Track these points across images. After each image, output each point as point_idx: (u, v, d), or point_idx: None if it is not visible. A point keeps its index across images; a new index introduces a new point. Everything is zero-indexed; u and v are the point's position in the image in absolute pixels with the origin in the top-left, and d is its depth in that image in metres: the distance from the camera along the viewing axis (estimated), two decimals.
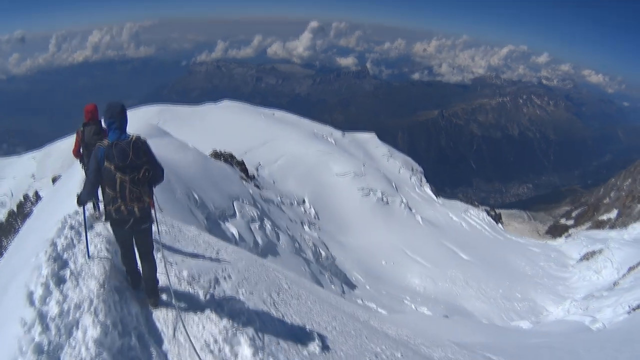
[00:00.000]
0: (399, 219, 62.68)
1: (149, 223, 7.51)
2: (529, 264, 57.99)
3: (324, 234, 53.69)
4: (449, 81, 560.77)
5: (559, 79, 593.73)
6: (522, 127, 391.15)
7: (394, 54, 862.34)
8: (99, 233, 9.94)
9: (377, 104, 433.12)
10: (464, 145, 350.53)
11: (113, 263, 8.52)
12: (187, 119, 79.80)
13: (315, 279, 36.36)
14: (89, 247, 8.58)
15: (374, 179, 67.21)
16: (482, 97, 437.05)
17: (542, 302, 46.65)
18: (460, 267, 52.65)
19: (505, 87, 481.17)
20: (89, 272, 7.82)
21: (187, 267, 9.97)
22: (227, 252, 14.17)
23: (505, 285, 49.82)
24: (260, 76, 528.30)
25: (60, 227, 9.57)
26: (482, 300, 46.28)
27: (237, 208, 37.93)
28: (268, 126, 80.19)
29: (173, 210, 23.77)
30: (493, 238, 68.57)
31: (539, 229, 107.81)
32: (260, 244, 35.38)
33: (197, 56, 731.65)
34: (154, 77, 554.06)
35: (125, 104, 6.84)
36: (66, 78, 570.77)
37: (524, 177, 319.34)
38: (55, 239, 8.75)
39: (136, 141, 7.04)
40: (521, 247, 66.41)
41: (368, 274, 49.08)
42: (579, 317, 37.24)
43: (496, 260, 57.89)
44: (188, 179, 33.80)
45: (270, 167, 64.20)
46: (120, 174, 6.83)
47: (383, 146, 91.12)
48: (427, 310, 42.36)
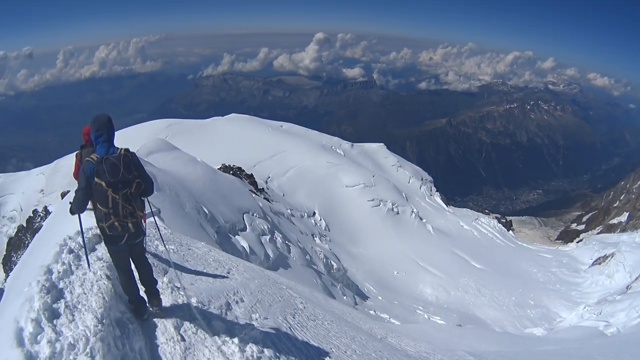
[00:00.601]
0: (409, 229, 62.53)
1: (142, 236, 7.35)
2: (541, 271, 57.83)
3: (335, 246, 53.72)
4: (456, 89, 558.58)
5: (565, 83, 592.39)
6: (530, 133, 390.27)
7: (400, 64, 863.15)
8: (100, 257, 9.41)
9: (385, 114, 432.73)
10: (472, 153, 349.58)
11: (114, 291, 8.04)
12: (195, 132, 79.84)
13: (327, 291, 36.30)
14: (88, 258, 8.30)
15: (384, 190, 67.09)
16: (489, 105, 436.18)
17: (555, 308, 46.48)
18: (472, 276, 52.58)
19: (512, 94, 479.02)
20: (86, 303, 7.28)
21: (196, 292, 9.48)
22: (238, 270, 13.85)
23: (518, 292, 49.67)
24: (267, 89, 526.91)
25: (57, 250, 9.07)
26: (495, 308, 46.11)
27: (247, 221, 37.83)
28: (276, 139, 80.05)
29: (182, 224, 23.80)
30: (504, 245, 68.40)
31: (550, 235, 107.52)
32: (271, 257, 35.30)
33: (204, 70, 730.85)
34: (161, 92, 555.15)
35: (133, 119, 6.74)
36: (73, 93, 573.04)
37: (534, 183, 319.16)
38: (51, 265, 8.23)
39: (126, 154, 6.90)
40: (533, 254, 66.21)
41: (380, 284, 49.05)
42: (593, 322, 37.07)
43: (508, 267, 57.82)
44: (197, 193, 33.74)
45: (280, 180, 64.19)
46: (112, 191, 6.66)
47: (392, 156, 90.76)
48: (440, 319, 42.30)
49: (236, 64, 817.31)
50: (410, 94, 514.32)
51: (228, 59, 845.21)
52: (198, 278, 10.97)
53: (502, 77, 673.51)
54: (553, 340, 30.08)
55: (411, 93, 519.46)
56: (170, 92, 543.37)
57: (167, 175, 31.09)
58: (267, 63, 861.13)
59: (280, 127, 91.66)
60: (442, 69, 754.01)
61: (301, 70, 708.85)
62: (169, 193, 27.61)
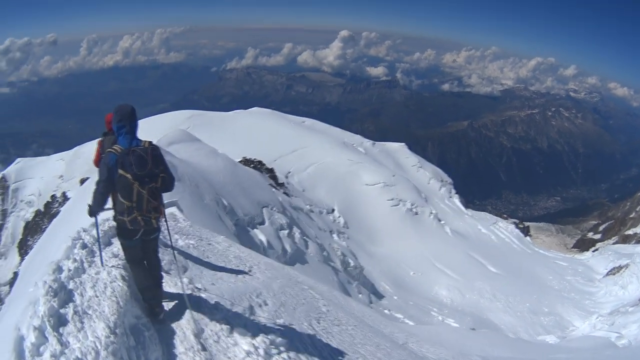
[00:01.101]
0: (427, 230, 62.56)
1: (157, 233, 7.27)
2: (556, 278, 57.75)
3: (353, 243, 53.83)
4: (479, 92, 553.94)
5: (586, 91, 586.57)
6: (551, 140, 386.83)
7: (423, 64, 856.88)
8: (116, 254, 8.93)
9: (407, 114, 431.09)
10: (493, 157, 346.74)
11: (129, 294, 7.53)
12: (217, 125, 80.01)
13: (343, 288, 36.41)
14: (102, 255, 8.22)
15: (403, 190, 67.15)
16: (511, 109, 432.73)
17: (568, 316, 46.41)
18: (488, 280, 52.52)
19: (534, 99, 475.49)
20: (97, 309, 6.70)
21: (217, 292, 9.10)
22: (260, 268, 13.28)
23: (533, 298, 49.61)
24: (290, 84, 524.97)
25: (69, 245, 8.60)
26: (509, 314, 46.10)
27: (266, 215, 38.02)
28: (298, 134, 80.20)
29: (201, 215, 23.83)
30: (521, 251, 68.25)
31: (567, 243, 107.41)
32: (288, 252, 35.44)
33: (228, 63, 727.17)
34: (184, 83, 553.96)
35: (156, 109, 6.70)
36: (96, 81, 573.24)
37: (553, 190, 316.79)
38: (61, 262, 7.76)
39: (154, 148, 6.77)
40: (548, 261, 66.06)
41: (396, 284, 49.15)
42: (605, 332, 37.03)
43: (524, 273, 57.66)
44: (217, 185, 33.87)
45: (300, 175, 64.78)
46: (138, 184, 6.43)
47: (413, 156, 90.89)
48: (454, 322, 42.38)
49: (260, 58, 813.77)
50: (433, 95, 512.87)
51: (252, 53, 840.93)
52: (219, 277, 10.57)
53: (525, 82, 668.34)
54: (565, 349, 30.10)
55: (434, 94, 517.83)
56: (193, 83, 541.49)
57: (187, 166, 31.22)
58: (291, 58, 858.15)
59: (302, 122, 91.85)
60: (466, 72, 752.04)
61: (325, 67, 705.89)
62: (189, 184, 27.72)
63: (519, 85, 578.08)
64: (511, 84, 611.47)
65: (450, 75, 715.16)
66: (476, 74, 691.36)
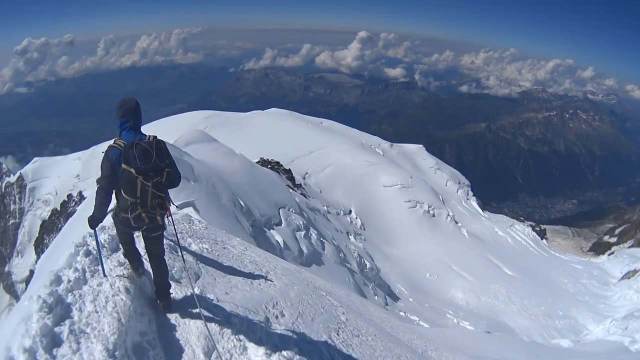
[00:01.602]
0: (444, 232, 62.67)
1: (160, 231, 7.01)
2: (572, 281, 57.76)
3: (370, 245, 53.94)
4: (497, 94, 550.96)
5: (604, 93, 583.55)
6: (568, 142, 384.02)
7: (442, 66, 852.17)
8: (122, 262, 8.14)
9: (425, 116, 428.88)
10: (510, 160, 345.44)
11: (132, 310, 6.90)
12: (235, 125, 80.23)
13: (359, 290, 36.48)
14: (103, 266, 7.53)
15: (421, 191, 67.10)
16: (529, 111, 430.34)
17: (583, 320, 46.40)
18: (504, 283, 52.56)
19: (551, 101, 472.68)
20: (96, 327, 6.21)
21: (231, 304, 8.60)
22: (276, 274, 12.96)
23: (548, 302, 49.69)
24: (308, 85, 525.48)
25: (72, 252, 7.89)
26: (524, 317, 46.20)
27: (283, 216, 38.06)
28: (316, 135, 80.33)
29: (218, 216, 23.91)
30: (537, 254, 68.31)
31: (583, 246, 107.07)
32: (305, 253, 35.48)
33: (245, 63, 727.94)
34: (201, 83, 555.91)
35: (173, 109, 6.59)
36: (114, 81, 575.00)
37: (569, 193, 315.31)
38: (61, 272, 7.15)
39: (158, 141, 6.46)
40: (564, 264, 66.10)
41: (412, 286, 49.27)
42: (619, 337, 37.08)
43: (539, 276, 57.72)
44: (234, 185, 33.98)
45: (318, 176, 64.78)
46: (142, 178, 6.17)
47: (431, 158, 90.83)
48: (469, 325, 42.52)
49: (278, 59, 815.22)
50: (451, 96, 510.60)
51: (270, 53, 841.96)
52: (234, 284, 10.09)
53: (543, 84, 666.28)
54: (579, 353, 30.21)
55: (452, 96, 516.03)
56: (211, 84, 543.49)
57: (204, 167, 31.35)
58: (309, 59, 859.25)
59: (320, 123, 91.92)
60: (484, 73, 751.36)
61: (343, 68, 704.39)
62: (206, 184, 27.84)
63: (536, 87, 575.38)
64: (529, 86, 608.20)
65: (468, 76, 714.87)
66: (494, 76, 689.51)
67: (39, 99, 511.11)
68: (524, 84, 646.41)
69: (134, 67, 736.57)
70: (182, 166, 27.97)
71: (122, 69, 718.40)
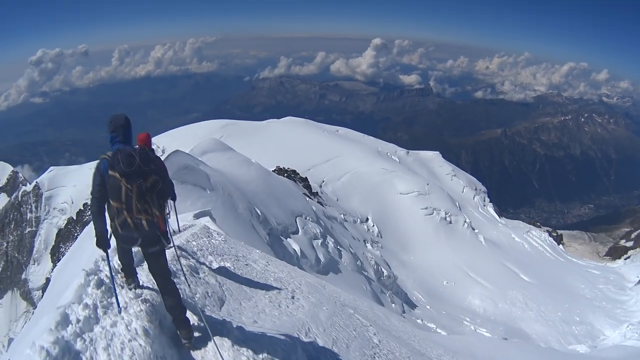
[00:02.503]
0: (461, 239, 62.80)
1: (158, 246, 6.62)
2: (588, 287, 57.93)
3: (387, 253, 54.27)
4: (512, 99, 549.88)
5: (619, 96, 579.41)
6: (584, 146, 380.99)
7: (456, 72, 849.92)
8: (139, 294, 7.31)
9: (441, 122, 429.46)
10: (526, 165, 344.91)
11: (152, 356, 6.13)
12: (251, 134, 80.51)
13: (376, 298, 36.56)
14: (118, 298, 6.85)
15: (437, 198, 67.22)
16: (544, 116, 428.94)
17: (599, 325, 46.49)
18: (521, 289, 52.62)
19: (566, 105, 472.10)
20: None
21: (260, 335, 7.81)
22: (302, 292, 12.46)
23: (565, 307, 49.76)
24: (323, 93, 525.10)
25: (82, 283, 6.97)
26: (541, 323, 46.38)
27: (300, 224, 38.26)
28: (332, 143, 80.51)
29: (235, 225, 24.05)
30: (554, 259, 68.33)
31: (599, 251, 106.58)
32: (322, 261, 35.60)
33: (260, 72, 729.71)
34: (216, 92, 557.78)
35: (188, 119, 6.54)
36: (128, 91, 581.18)
37: (585, 198, 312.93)
38: (69, 308, 6.23)
39: (143, 148, 6.48)
40: (581, 269, 66.32)
41: (429, 293, 49.50)
42: (635, 341, 37.18)
43: (556, 282, 57.81)
44: (251, 194, 34.11)
45: (334, 184, 65.14)
46: (125, 182, 6.15)
47: (447, 165, 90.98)
48: (487, 331, 42.78)
49: (293, 68, 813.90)
50: (466, 102, 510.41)
51: (285, 62, 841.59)
52: (261, 309, 9.55)
53: (557, 88, 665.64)
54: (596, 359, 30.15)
55: (467, 102, 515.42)
56: (226, 93, 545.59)
57: (220, 176, 31.54)
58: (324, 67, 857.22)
59: (336, 131, 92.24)
60: (498, 78, 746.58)
61: (358, 75, 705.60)
62: (222, 193, 28.02)
63: (551, 92, 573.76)
64: (544, 90, 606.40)
65: (483, 82, 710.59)
66: (509, 81, 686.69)
67: (54, 109, 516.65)
68: (539, 89, 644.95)
69: (148, 76, 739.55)
70: (198, 175, 28.17)
71: (136, 79, 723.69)
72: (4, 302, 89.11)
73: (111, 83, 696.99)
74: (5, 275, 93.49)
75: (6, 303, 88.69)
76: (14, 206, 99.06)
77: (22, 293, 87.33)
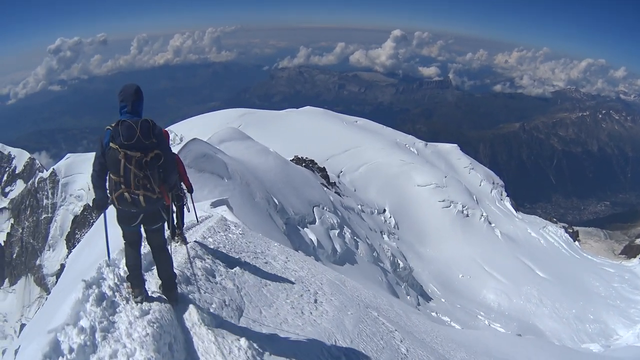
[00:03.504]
0: (478, 233, 63.11)
1: (161, 222, 6.69)
2: (603, 285, 57.90)
3: (403, 244, 54.92)
4: (530, 94, 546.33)
5: (636, 93, 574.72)
6: (601, 143, 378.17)
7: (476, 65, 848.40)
8: (145, 310, 6.45)
9: (459, 115, 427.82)
10: (544, 160, 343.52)
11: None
12: (269, 123, 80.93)
13: (391, 290, 36.69)
14: (109, 247, 7.14)
15: (455, 191, 67.53)
16: (562, 111, 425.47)
17: (613, 324, 46.72)
18: (536, 284, 52.92)
19: (584, 101, 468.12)
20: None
21: (284, 351, 7.08)
22: (324, 294, 11.92)
23: (579, 305, 49.93)
24: (342, 83, 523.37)
25: (80, 297, 6.06)
26: (554, 320, 46.67)
27: (317, 214, 38.78)
28: (350, 134, 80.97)
29: (252, 214, 24.14)
30: (569, 256, 68.33)
31: (615, 249, 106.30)
32: (338, 252, 35.86)
33: (279, 61, 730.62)
34: (235, 81, 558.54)
35: (207, 107, 6.25)
36: (147, 80, 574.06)
37: (602, 195, 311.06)
38: (61, 331, 5.33)
39: (145, 121, 6.23)
40: (596, 267, 66.16)
41: (444, 286, 50.04)
42: None
43: (571, 278, 57.78)
44: (268, 183, 34.35)
45: (352, 175, 65.79)
46: (124, 155, 6.01)
47: (465, 158, 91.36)
48: (500, 326, 43.07)
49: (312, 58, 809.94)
50: (485, 96, 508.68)
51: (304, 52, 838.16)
52: (282, 319, 8.72)
53: (576, 84, 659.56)
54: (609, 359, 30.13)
55: (486, 95, 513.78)
56: (245, 82, 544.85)
57: (238, 164, 31.69)
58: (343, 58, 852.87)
59: (355, 122, 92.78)
60: (517, 72, 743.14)
61: (377, 66, 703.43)
62: (240, 182, 28.17)
63: (570, 87, 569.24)
64: (562, 86, 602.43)
65: (502, 76, 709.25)
66: (528, 75, 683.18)
67: (72, 96, 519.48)
68: (557, 84, 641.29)
69: (167, 65, 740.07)
70: (216, 163, 28.26)
71: (155, 67, 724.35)
72: (18, 288, 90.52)
73: (130, 71, 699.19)
74: (20, 260, 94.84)
75: (20, 289, 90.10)
76: (30, 192, 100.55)
77: (36, 279, 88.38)
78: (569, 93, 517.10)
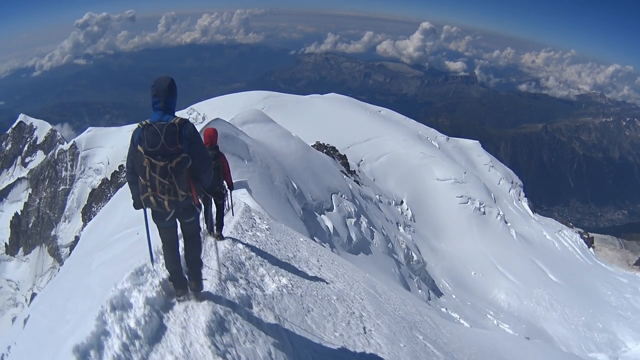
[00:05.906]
0: (493, 231, 63.02)
1: (194, 216, 6.44)
2: (615, 294, 57.49)
3: (418, 237, 54.97)
4: (555, 95, 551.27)
5: None
6: (623, 150, 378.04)
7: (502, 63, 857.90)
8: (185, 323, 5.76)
9: (483, 112, 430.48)
10: (564, 163, 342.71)
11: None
12: (293, 107, 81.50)
13: (403, 282, 36.73)
14: (152, 250, 6.65)
15: (473, 188, 67.54)
16: (586, 115, 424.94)
17: (622, 336, 46.45)
18: (547, 288, 52.75)
19: (609, 107, 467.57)
20: None
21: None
22: (370, 317, 10.54)
23: (589, 313, 49.61)
24: (368, 72, 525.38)
25: (94, 331, 4.75)
26: (563, 326, 46.49)
27: (335, 202, 38.79)
28: (373, 123, 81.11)
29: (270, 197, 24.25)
30: (583, 262, 68.11)
31: (630, 259, 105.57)
32: (353, 241, 35.91)
33: (306, 47, 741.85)
34: (261, 64, 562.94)
35: (231, 88, 5.99)
36: (172, 57, 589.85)
37: (620, 203, 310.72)
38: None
39: (171, 125, 5.91)
40: (609, 276, 65.75)
41: (456, 283, 50.06)
42: None
43: (583, 285, 57.57)
44: (288, 167, 34.46)
45: (372, 164, 66.12)
46: (148, 161, 5.83)
47: (486, 155, 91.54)
48: (509, 328, 43.04)
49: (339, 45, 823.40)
50: (510, 94, 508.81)
51: (332, 38, 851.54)
52: (312, 334, 7.59)
53: (601, 89, 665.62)
54: None
55: (510, 94, 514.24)
56: (270, 65, 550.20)
57: (259, 146, 31.76)
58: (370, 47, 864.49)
59: (378, 112, 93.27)
60: (543, 73, 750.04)
61: (404, 57, 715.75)
62: (260, 164, 28.37)
63: (595, 92, 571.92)
64: (588, 90, 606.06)
65: (528, 75, 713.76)
66: (553, 77, 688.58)
67: (97, 71, 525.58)
68: (583, 87, 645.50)
69: (194, 44, 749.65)
70: (237, 144, 28.30)
71: (181, 46, 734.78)
72: (31, 257, 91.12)
73: (156, 48, 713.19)
74: (35, 230, 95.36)
75: (33, 258, 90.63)
76: (49, 163, 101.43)
77: (50, 249, 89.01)
78: (594, 98, 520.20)
